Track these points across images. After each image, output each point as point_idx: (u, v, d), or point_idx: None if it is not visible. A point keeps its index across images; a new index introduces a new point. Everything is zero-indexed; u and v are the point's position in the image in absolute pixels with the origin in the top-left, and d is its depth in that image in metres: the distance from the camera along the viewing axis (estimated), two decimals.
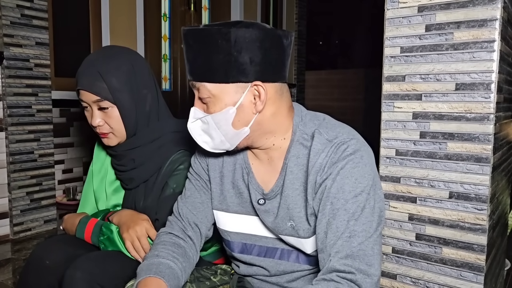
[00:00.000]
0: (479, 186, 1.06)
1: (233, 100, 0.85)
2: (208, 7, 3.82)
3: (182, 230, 1.03)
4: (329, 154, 0.87)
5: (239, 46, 0.81)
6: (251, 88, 0.85)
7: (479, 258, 1.07)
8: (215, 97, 0.86)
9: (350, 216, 0.83)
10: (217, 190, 1.02)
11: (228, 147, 0.92)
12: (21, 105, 2.32)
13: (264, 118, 0.89)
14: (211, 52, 0.83)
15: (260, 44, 0.82)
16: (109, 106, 1.14)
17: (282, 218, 0.93)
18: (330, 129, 0.91)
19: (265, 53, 0.83)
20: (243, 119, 0.87)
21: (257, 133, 0.90)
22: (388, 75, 1.17)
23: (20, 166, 2.34)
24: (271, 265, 0.99)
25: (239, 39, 0.81)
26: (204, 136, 0.92)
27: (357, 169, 0.85)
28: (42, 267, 1.13)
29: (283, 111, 0.91)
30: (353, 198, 0.84)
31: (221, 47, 0.82)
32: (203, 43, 0.84)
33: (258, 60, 0.83)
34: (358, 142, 0.88)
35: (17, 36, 2.28)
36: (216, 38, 0.82)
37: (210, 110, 0.87)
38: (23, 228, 2.37)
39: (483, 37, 1.03)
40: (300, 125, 0.92)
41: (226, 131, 0.88)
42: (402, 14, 1.13)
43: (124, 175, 1.24)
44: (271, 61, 0.85)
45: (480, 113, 1.05)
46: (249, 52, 0.82)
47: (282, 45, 0.86)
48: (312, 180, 0.88)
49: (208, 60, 0.84)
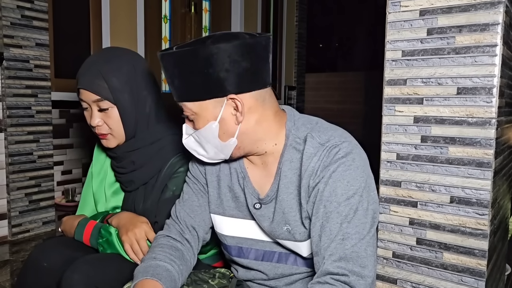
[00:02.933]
0: (481, 191, 1.06)
1: (213, 115, 0.87)
2: (208, 9, 3.82)
3: (179, 233, 1.03)
4: (321, 157, 0.87)
5: (209, 63, 0.82)
6: (228, 101, 0.86)
7: (480, 263, 1.07)
8: (197, 114, 0.88)
9: (343, 218, 0.84)
10: (214, 194, 1.02)
11: (223, 157, 0.94)
12: (21, 106, 2.32)
13: (249, 126, 0.89)
14: (185, 73, 0.85)
15: (229, 58, 0.82)
16: (109, 106, 1.14)
17: (278, 222, 0.94)
18: (322, 132, 0.91)
19: (236, 66, 0.83)
20: (227, 131, 0.89)
21: (246, 142, 0.91)
22: (389, 79, 1.16)
23: (19, 167, 2.33)
24: (269, 268, 0.99)
25: (208, 56, 0.82)
26: (199, 150, 0.95)
27: (349, 172, 0.86)
28: (40, 269, 1.13)
29: (268, 116, 0.91)
30: (346, 201, 0.85)
31: (193, 67, 0.84)
32: (177, 65, 0.86)
33: (230, 74, 0.84)
34: (350, 145, 0.89)
35: (17, 37, 2.27)
36: (187, 59, 0.84)
37: (196, 127, 0.90)
38: (21, 230, 2.37)
39: (485, 42, 1.03)
40: (293, 130, 0.93)
41: (215, 144, 0.90)
42: (403, 17, 1.13)
43: (123, 177, 1.23)
44: (243, 72, 0.85)
45: (482, 118, 1.05)
46: (219, 67, 0.83)
47: (255, 52, 0.86)
48: (305, 184, 0.89)
49: (183, 81, 0.86)
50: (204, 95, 0.86)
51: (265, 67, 0.89)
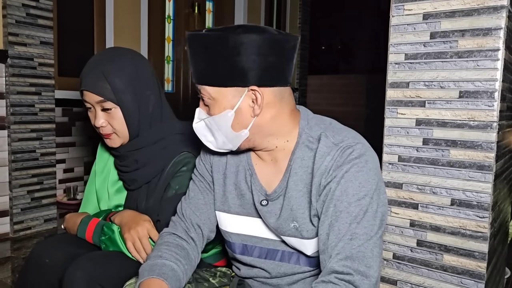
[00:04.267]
0: (481, 193, 1.06)
1: (231, 103, 0.88)
2: (212, 10, 3.83)
3: (185, 231, 1.03)
4: (335, 157, 0.88)
5: (237, 51, 0.83)
6: (248, 92, 0.87)
7: (480, 266, 1.07)
8: (214, 100, 0.88)
9: (353, 219, 0.84)
10: (219, 191, 1.03)
11: (231, 147, 0.94)
12: (24, 103, 2.33)
13: (263, 121, 0.90)
14: (211, 57, 0.86)
15: (258, 50, 0.83)
16: (112, 107, 1.15)
17: (285, 219, 0.94)
18: (336, 132, 0.92)
19: (263, 59, 0.84)
20: (241, 122, 0.89)
21: (258, 135, 0.91)
22: (392, 81, 1.17)
23: (22, 165, 2.34)
24: (271, 267, 1.00)
25: (237, 45, 0.83)
26: (208, 136, 0.94)
27: (362, 173, 0.86)
28: (42, 265, 1.13)
29: (284, 114, 0.92)
30: (356, 202, 0.85)
31: (220, 53, 0.84)
32: (204, 48, 0.86)
33: (256, 65, 0.84)
34: (363, 147, 0.89)
35: (22, 35, 2.29)
36: (215, 44, 0.84)
37: (211, 112, 0.90)
38: (23, 227, 2.37)
39: (488, 46, 1.04)
40: (306, 128, 0.93)
41: (226, 133, 0.90)
42: (407, 21, 1.14)
43: (126, 176, 1.24)
44: (269, 66, 0.86)
45: (483, 121, 1.05)
46: (246, 57, 0.83)
47: (282, 50, 0.87)
48: (316, 182, 0.89)
49: (208, 64, 0.87)
50: (226, 82, 0.86)
51: (289, 66, 0.90)
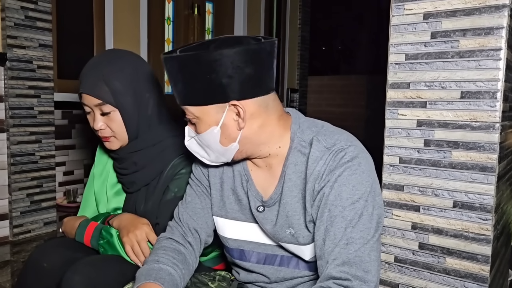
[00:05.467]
0: (484, 195, 1.05)
1: (215, 120, 0.87)
2: (211, 11, 3.83)
3: (182, 236, 1.02)
4: (327, 161, 0.87)
5: (211, 68, 0.81)
6: (230, 107, 0.86)
7: (483, 269, 1.06)
8: (199, 118, 0.88)
9: (348, 223, 0.83)
10: (217, 196, 1.02)
11: (225, 160, 0.94)
12: (23, 106, 2.32)
13: (251, 132, 0.89)
14: (187, 77, 0.85)
15: (232, 64, 0.81)
16: (111, 110, 1.14)
17: (281, 225, 0.93)
18: (328, 136, 0.90)
19: (240, 72, 0.82)
20: (229, 136, 0.88)
21: (248, 145, 0.91)
22: (392, 82, 1.16)
23: (21, 168, 2.33)
24: (271, 272, 0.99)
25: (211, 62, 0.81)
26: (201, 152, 0.95)
27: (355, 176, 0.85)
28: (40, 269, 1.13)
29: (271, 121, 0.90)
30: (351, 205, 0.84)
31: (195, 72, 0.83)
32: (180, 69, 0.85)
33: (233, 80, 0.83)
34: (356, 149, 0.88)
35: (21, 37, 2.28)
36: (190, 64, 0.83)
37: (198, 130, 0.90)
38: (22, 230, 2.36)
39: (489, 45, 1.02)
40: (298, 132, 0.92)
41: (216, 148, 0.90)
42: (407, 21, 1.12)
43: (125, 179, 1.23)
44: (247, 78, 0.83)
45: (485, 122, 1.04)
46: (222, 73, 0.82)
47: (259, 59, 0.84)
48: (310, 187, 0.88)
49: (186, 85, 0.86)
50: (206, 100, 0.86)
51: (269, 73, 0.88)
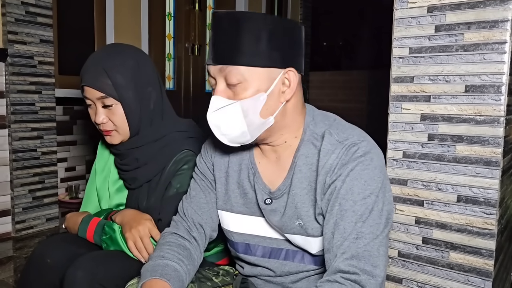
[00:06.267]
0: (488, 190, 1.04)
1: (265, 86, 0.84)
2: (212, 6, 3.81)
3: (187, 231, 1.02)
4: (340, 155, 0.86)
5: (277, 32, 0.83)
6: (282, 75, 0.86)
7: (487, 263, 1.05)
8: (247, 81, 0.83)
9: (358, 217, 0.83)
10: (222, 190, 1.01)
11: (248, 139, 0.88)
12: (25, 102, 2.32)
13: (288, 109, 0.89)
14: (248, 35, 0.82)
15: (292, 34, 0.86)
16: (113, 103, 1.13)
17: (290, 217, 0.93)
18: (340, 130, 0.90)
19: (297, 43, 0.87)
20: (270, 107, 0.86)
21: (277, 125, 0.89)
22: (396, 76, 1.15)
23: (23, 164, 2.33)
24: (276, 265, 0.98)
25: (277, 27, 0.83)
26: (223, 127, 0.87)
27: (367, 171, 0.85)
28: (43, 265, 1.13)
29: (300, 105, 0.92)
30: (362, 200, 0.83)
31: (259, 32, 0.82)
32: (241, 26, 0.82)
33: (292, 48, 0.86)
34: (368, 144, 0.87)
35: (21, 33, 2.27)
36: (255, 23, 0.83)
37: (240, 96, 0.84)
38: (25, 226, 2.37)
39: (494, 39, 1.01)
40: (311, 125, 0.92)
41: (252, 120, 0.85)
42: (411, 14, 1.11)
43: (127, 175, 1.23)
44: (300, 51, 0.88)
45: (490, 116, 1.03)
46: (285, 39, 0.84)
47: (303, 39, 0.90)
48: (321, 180, 0.88)
49: (244, 43, 0.82)
50: (263, 62, 0.83)
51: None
